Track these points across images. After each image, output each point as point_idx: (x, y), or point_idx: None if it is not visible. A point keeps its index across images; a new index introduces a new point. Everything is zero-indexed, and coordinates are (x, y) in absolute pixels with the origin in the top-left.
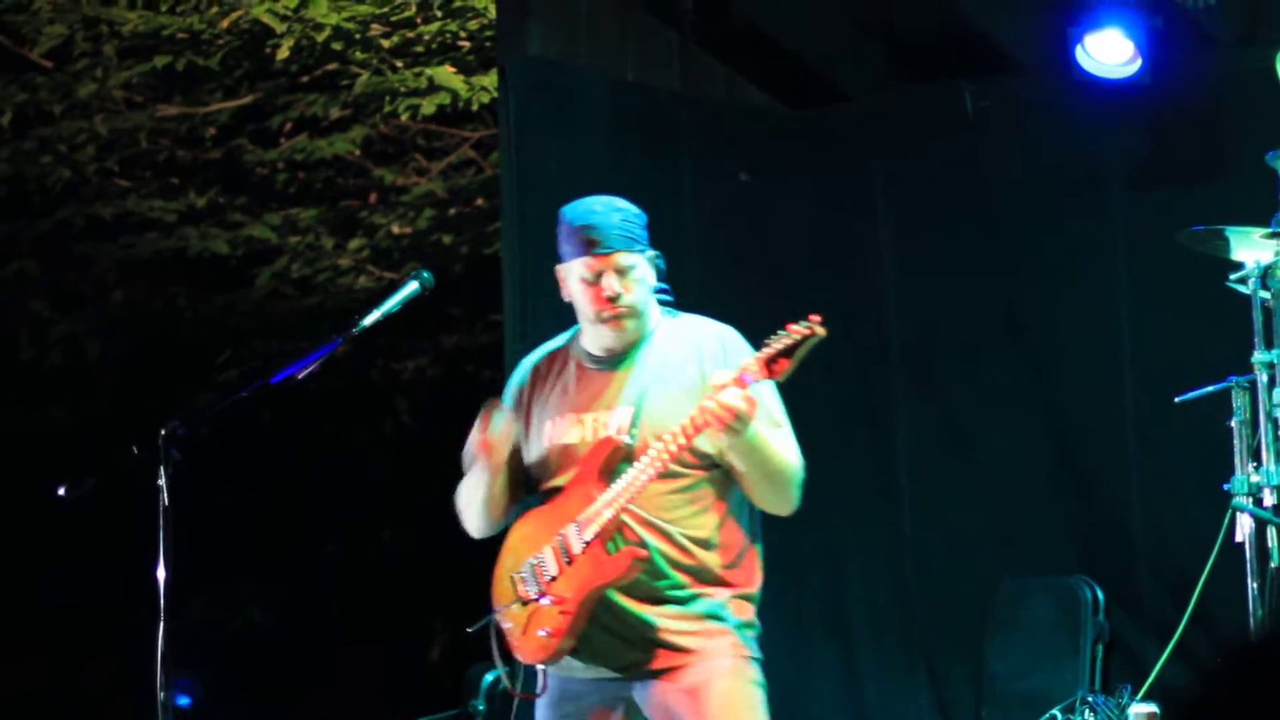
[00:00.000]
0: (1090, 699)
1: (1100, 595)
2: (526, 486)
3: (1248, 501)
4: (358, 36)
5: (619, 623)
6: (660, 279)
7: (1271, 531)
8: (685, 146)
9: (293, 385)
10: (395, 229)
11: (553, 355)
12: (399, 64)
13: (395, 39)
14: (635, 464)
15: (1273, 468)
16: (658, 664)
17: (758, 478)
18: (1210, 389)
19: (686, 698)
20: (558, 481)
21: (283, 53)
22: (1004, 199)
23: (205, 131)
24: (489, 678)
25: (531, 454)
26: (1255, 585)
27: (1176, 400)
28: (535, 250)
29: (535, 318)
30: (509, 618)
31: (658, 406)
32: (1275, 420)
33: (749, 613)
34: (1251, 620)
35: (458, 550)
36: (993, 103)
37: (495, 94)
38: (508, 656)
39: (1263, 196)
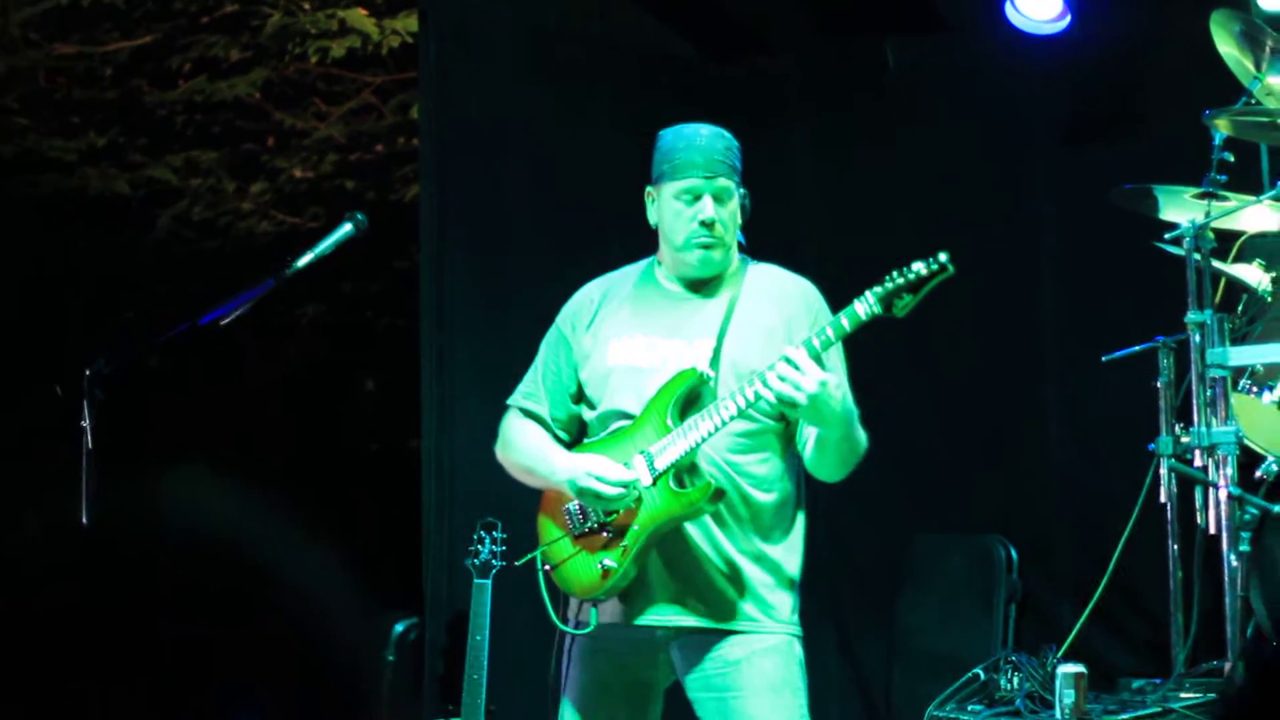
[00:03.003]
0: (1014, 658)
1: (1014, 554)
2: (575, 408)
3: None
4: None
5: (676, 565)
6: (745, 220)
7: (1198, 492)
8: (606, 94)
9: (219, 328)
10: (297, 173)
11: (623, 279)
12: (306, 5)
13: None
14: (717, 400)
15: (1204, 428)
16: (704, 623)
17: (831, 444)
18: (1137, 349)
19: (728, 669)
20: (618, 404)
21: None
22: (927, 156)
23: (103, 71)
24: (399, 628)
25: (591, 372)
26: (1176, 547)
27: (1104, 359)
28: (454, 194)
29: (451, 261)
30: (563, 549)
31: (739, 344)
32: (1207, 381)
33: (795, 583)
34: (1170, 581)
35: (356, 498)
36: (918, 58)
37: (406, 38)
38: (554, 592)
39: (1189, 156)
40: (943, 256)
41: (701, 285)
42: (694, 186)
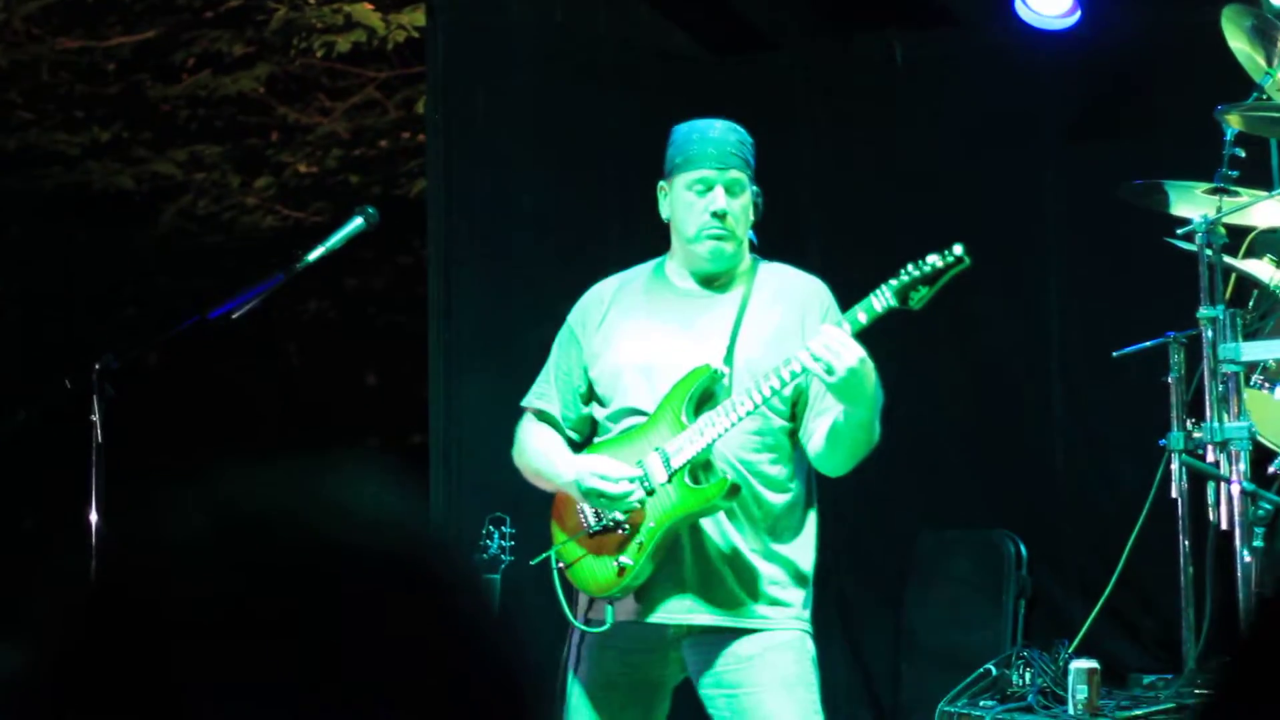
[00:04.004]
0: (1026, 654)
1: (1024, 550)
2: (586, 410)
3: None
4: None
5: (689, 562)
6: (757, 219)
7: (1210, 488)
8: (611, 89)
9: (229, 321)
10: (302, 168)
11: (634, 277)
12: (311, 0)
13: None
14: (732, 397)
15: (1216, 424)
16: (717, 620)
17: (849, 429)
18: (1147, 344)
19: (741, 665)
20: (630, 401)
21: None
22: (932, 152)
23: (106, 66)
24: None
25: (602, 371)
26: (1187, 543)
27: (1114, 355)
28: (461, 189)
29: (458, 256)
30: (577, 547)
31: (752, 341)
32: (1220, 376)
33: (808, 579)
34: (1181, 577)
35: None
36: (924, 54)
37: (412, 32)
38: (568, 588)
39: (1200, 151)
40: (958, 249)
41: (713, 281)
42: (706, 177)
